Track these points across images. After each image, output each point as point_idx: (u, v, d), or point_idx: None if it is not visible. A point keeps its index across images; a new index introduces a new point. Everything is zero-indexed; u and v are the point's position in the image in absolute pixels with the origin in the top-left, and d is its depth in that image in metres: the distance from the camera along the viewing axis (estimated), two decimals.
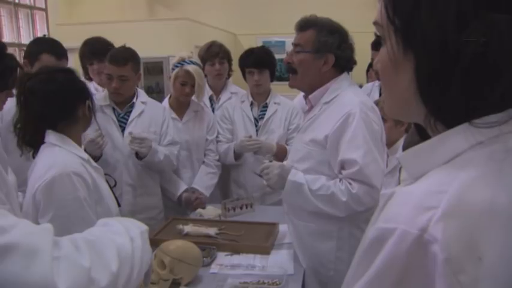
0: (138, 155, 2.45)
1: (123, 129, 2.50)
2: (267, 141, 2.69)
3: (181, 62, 2.66)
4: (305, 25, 1.84)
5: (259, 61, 2.73)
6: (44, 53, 2.51)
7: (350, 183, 1.70)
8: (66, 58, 2.65)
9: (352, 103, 1.75)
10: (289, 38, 1.98)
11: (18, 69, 1.88)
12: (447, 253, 0.49)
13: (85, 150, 2.21)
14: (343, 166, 1.74)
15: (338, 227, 1.82)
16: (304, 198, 1.77)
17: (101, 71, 2.84)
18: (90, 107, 1.73)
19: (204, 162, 2.83)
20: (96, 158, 2.30)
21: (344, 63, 1.84)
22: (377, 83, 3.63)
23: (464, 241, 0.49)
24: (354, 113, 1.72)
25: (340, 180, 1.74)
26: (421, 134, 0.67)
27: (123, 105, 2.52)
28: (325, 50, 1.80)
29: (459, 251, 0.49)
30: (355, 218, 1.80)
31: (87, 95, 1.73)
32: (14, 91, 1.73)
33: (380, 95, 3.42)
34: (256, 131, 2.80)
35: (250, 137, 2.69)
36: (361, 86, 3.60)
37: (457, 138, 0.56)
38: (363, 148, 1.69)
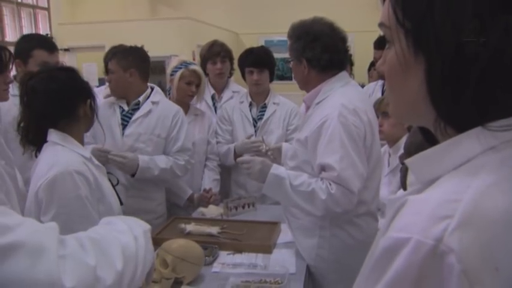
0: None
1: (124, 127, 2.41)
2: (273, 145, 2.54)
3: (184, 64, 2.67)
4: (288, 35, 1.91)
5: (258, 60, 2.72)
6: (36, 48, 2.46)
7: (330, 184, 1.72)
8: (58, 51, 2.62)
9: (333, 106, 1.76)
10: None
11: (18, 68, 1.87)
12: (464, 264, 0.48)
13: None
14: (323, 168, 1.76)
15: (320, 225, 1.85)
16: (284, 193, 1.79)
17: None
18: (91, 106, 1.73)
19: (206, 165, 2.82)
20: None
21: (315, 63, 1.83)
22: (380, 82, 3.62)
23: (481, 251, 0.48)
24: (332, 117, 1.73)
25: (321, 179, 1.75)
26: (425, 135, 0.66)
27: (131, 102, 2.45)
28: (298, 55, 1.85)
29: (476, 262, 0.48)
30: (337, 219, 1.82)
31: (88, 94, 1.73)
32: (17, 91, 1.72)
33: (382, 93, 3.42)
34: (255, 131, 2.79)
35: (251, 137, 2.68)
36: (363, 86, 3.59)
37: (470, 142, 0.55)
38: (339, 153, 1.70)
